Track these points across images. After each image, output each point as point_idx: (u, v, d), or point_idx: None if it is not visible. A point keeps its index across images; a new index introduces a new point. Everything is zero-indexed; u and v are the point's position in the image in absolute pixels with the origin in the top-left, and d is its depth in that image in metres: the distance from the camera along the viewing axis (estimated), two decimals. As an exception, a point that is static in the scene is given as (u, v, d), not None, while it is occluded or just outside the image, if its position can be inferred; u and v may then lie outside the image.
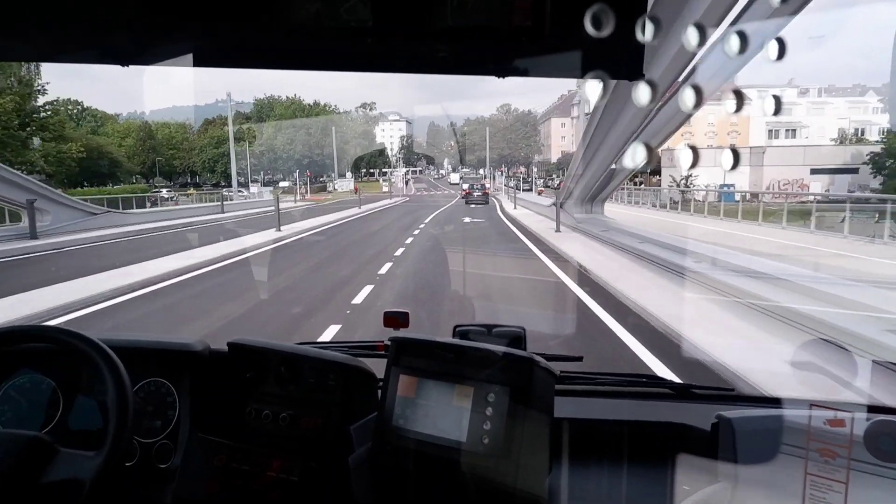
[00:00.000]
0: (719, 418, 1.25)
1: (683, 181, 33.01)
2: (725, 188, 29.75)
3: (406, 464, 1.19)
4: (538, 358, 1.20)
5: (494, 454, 1.12)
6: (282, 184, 54.02)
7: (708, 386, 1.56)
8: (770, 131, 49.30)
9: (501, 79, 0.81)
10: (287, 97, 70.16)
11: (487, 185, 37.17)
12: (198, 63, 0.83)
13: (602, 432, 1.41)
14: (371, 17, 0.77)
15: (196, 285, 9.28)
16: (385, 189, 55.39)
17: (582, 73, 0.80)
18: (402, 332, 1.41)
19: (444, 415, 1.17)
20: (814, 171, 33.59)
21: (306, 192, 48.48)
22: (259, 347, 1.38)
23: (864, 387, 1.03)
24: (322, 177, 61.95)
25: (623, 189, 35.66)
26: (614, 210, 20.60)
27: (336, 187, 56.93)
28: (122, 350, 1.19)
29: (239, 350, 1.39)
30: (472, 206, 31.61)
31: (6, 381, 1.36)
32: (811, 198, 25.45)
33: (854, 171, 33.41)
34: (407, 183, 72.19)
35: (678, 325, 5.97)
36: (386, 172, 72.79)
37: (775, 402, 1.51)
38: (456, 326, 1.49)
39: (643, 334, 5.91)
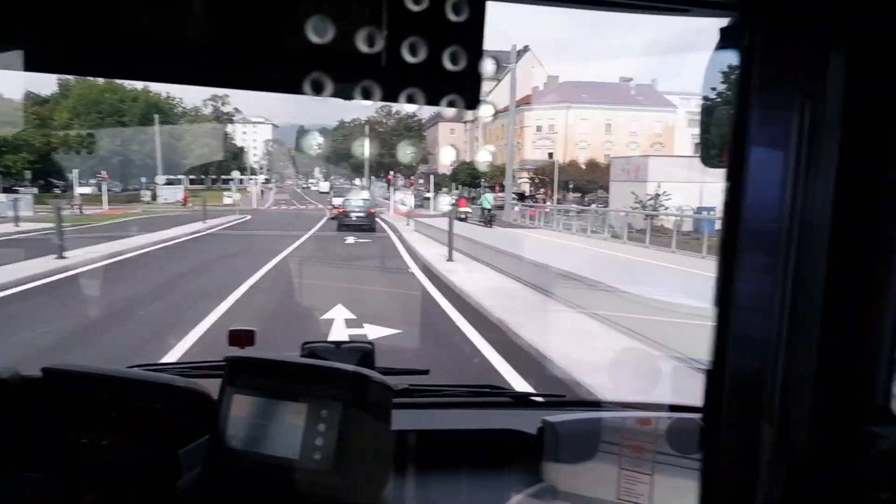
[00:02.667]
0: (544, 423, 1.42)
1: (652, 201, 23.57)
2: (706, 212, 20.86)
3: (239, 486, 1.19)
4: (371, 373, 1.23)
5: (327, 469, 1.14)
6: (82, 190, 38.37)
7: (543, 394, 1.84)
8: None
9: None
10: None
11: (372, 201, 25.06)
12: (29, 68, 0.78)
13: (444, 442, 1.50)
14: (209, 33, 0.76)
15: None
16: (228, 201, 41.53)
17: (425, 101, 0.81)
18: (247, 351, 1.45)
19: (278, 433, 1.17)
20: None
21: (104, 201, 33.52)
22: (79, 372, 1.33)
23: (669, 387, 1.43)
24: (150, 181, 46.08)
25: (566, 212, 26.04)
26: (545, 240, 18.26)
27: (159, 196, 41.84)
28: None
29: (55, 376, 1.33)
30: (350, 237, 18.48)
31: None
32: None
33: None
34: (263, 193, 59.35)
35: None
36: (243, 180, 59.34)
37: (597, 405, 1.82)
38: (304, 343, 1.52)
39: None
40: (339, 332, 6.91)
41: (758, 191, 0.73)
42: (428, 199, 40.08)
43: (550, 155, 52.98)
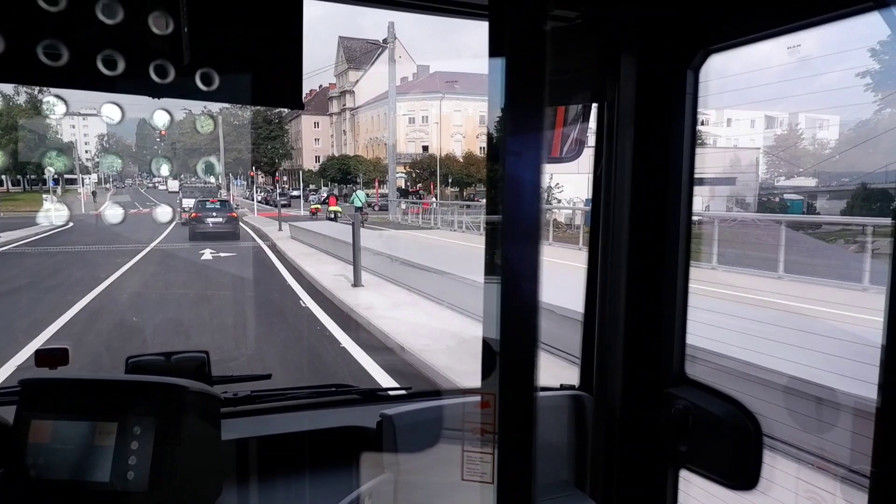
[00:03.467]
0: (382, 416, 1.45)
1: (545, 193, 21.98)
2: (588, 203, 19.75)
3: None
4: (191, 383, 1.17)
5: (141, 489, 1.08)
6: None
7: (390, 388, 1.86)
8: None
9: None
10: None
11: (232, 203, 20.67)
12: None
13: (285, 446, 1.49)
14: (11, 27, 0.76)
15: None
16: (47, 207, 34.32)
17: (249, 101, 0.84)
18: (59, 371, 1.35)
19: (85, 456, 1.10)
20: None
21: None
22: None
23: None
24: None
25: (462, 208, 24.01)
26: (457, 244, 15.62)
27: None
28: None
29: None
30: (207, 249, 14.32)
31: None
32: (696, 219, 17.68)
33: (731, 181, 26.57)
34: (95, 195, 50.93)
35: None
36: (60, 179, 50.34)
37: (438, 394, 1.81)
38: (129, 358, 1.42)
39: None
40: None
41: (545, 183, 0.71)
42: (295, 197, 36.02)
43: (425, 148, 50.85)
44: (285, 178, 59.60)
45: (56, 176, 39.37)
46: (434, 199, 32.40)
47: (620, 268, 1.24)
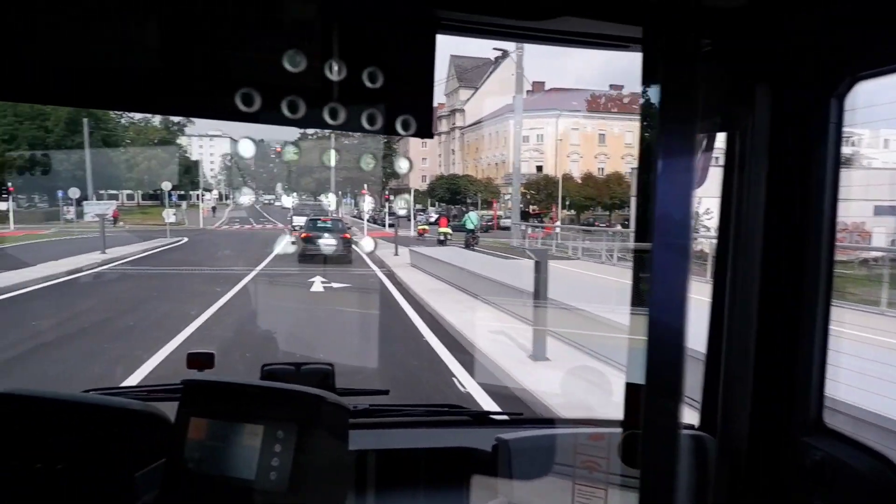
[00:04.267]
0: (498, 440, 1.44)
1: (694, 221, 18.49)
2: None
3: None
4: (326, 394, 1.24)
5: (282, 489, 1.14)
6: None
7: (501, 412, 1.89)
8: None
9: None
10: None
11: (344, 223, 18.78)
12: None
13: (403, 461, 1.52)
14: (163, 65, 0.83)
15: None
16: (172, 219, 35.20)
17: (384, 131, 0.87)
18: (205, 374, 1.50)
19: (235, 455, 1.17)
20: (879, 211, 21.06)
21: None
22: (30, 397, 1.32)
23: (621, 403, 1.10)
24: (67, 196, 39.26)
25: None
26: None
27: (87, 212, 35.13)
28: None
29: (5, 400, 1.31)
30: (318, 278, 12.01)
31: None
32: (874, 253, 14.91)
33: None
34: (214, 210, 53.02)
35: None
36: (189, 195, 52.92)
37: (551, 422, 1.85)
38: (264, 366, 1.53)
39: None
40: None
41: (674, 207, 0.72)
42: (403, 217, 34.62)
43: (539, 168, 48.16)
44: (391, 197, 59.19)
45: (179, 192, 40.39)
46: (557, 223, 29.53)
47: (751, 302, 1.23)
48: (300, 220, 20.72)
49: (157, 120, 64.76)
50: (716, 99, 1.16)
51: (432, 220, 34.10)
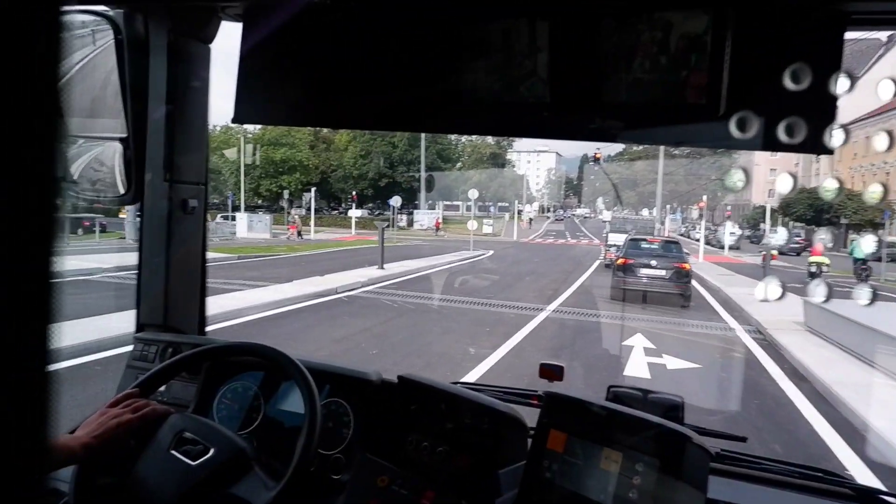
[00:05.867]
0: None
1: None
2: None
3: None
4: (693, 434, 1.16)
5: None
6: (358, 213, 36.49)
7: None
8: None
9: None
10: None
11: (682, 250, 13.51)
12: (381, 126, 1.10)
13: None
14: (548, 94, 0.88)
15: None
16: (489, 230, 35.26)
17: (763, 147, 0.83)
18: (555, 385, 1.49)
19: (591, 475, 1.17)
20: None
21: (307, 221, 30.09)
22: (424, 384, 1.46)
23: None
24: (408, 204, 43.01)
25: None
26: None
27: (416, 221, 37.67)
28: (314, 371, 1.32)
29: (407, 383, 1.47)
30: (637, 340, 7.44)
31: (226, 383, 1.57)
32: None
33: None
34: (530, 223, 52.70)
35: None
36: (510, 207, 54.19)
37: None
38: (610, 387, 1.47)
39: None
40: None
41: None
42: (754, 238, 27.45)
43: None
44: (726, 214, 50.55)
45: (501, 203, 40.82)
46: None
47: None
48: (616, 239, 16.68)
49: (490, 136, 68.52)
50: None
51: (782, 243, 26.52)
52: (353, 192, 37.34)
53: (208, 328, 1.92)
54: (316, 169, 42.68)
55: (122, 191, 1.61)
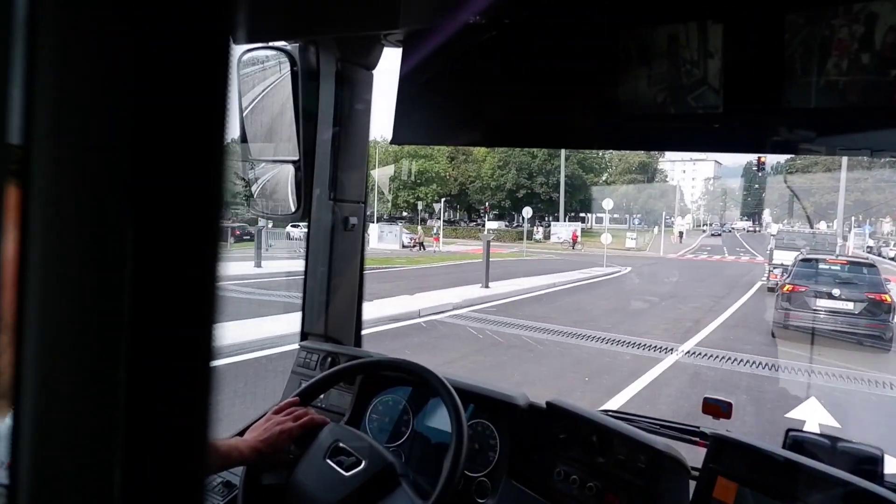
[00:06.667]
0: None
1: None
2: None
3: None
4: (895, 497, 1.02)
5: None
6: (492, 225, 36.15)
7: None
8: None
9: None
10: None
11: (876, 269, 10.54)
12: (541, 144, 1.20)
13: None
14: (721, 103, 0.82)
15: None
16: (631, 244, 32.74)
17: None
18: (722, 423, 1.41)
19: None
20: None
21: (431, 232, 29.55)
22: (574, 412, 1.40)
23: None
24: (545, 217, 41.50)
25: None
26: None
27: (553, 234, 35.98)
28: (458, 389, 1.29)
29: (556, 410, 1.42)
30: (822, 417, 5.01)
31: (378, 395, 1.59)
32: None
33: None
34: (681, 236, 48.03)
35: None
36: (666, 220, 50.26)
37: None
38: (789, 430, 1.33)
39: None
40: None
41: None
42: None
43: None
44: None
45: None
46: None
47: None
48: (783, 257, 13.79)
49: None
50: None
51: None
52: (486, 203, 36.64)
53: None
54: (455, 181, 42.73)
55: (293, 209, 1.73)
